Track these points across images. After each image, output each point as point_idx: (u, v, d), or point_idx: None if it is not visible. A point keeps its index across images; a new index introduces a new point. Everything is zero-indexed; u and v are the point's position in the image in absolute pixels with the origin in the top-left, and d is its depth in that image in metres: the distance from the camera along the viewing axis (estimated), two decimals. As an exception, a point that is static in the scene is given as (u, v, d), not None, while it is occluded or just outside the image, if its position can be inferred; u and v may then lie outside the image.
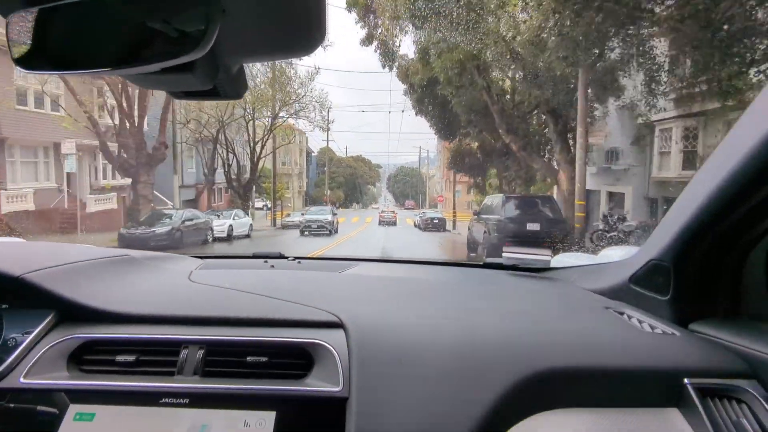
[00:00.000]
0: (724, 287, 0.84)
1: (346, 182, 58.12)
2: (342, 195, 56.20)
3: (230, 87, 0.55)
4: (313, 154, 58.38)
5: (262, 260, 1.51)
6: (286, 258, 1.56)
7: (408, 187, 70.74)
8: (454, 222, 23.84)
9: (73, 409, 0.74)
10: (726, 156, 0.72)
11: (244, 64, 0.56)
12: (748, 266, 0.82)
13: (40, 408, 0.75)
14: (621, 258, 1.12)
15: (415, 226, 26.64)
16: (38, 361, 0.79)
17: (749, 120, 0.70)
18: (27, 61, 0.44)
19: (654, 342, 0.81)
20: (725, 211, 0.75)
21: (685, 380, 0.71)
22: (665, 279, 0.89)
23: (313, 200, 54.06)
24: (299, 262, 1.52)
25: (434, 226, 22.96)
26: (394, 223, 26.68)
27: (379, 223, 26.59)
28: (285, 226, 23.48)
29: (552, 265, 1.48)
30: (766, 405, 0.66)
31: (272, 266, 1.43)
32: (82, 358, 0.83)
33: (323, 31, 0.45)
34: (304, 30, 0.45)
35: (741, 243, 0.80)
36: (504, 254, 1.50)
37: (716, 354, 0.76)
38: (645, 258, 0.95)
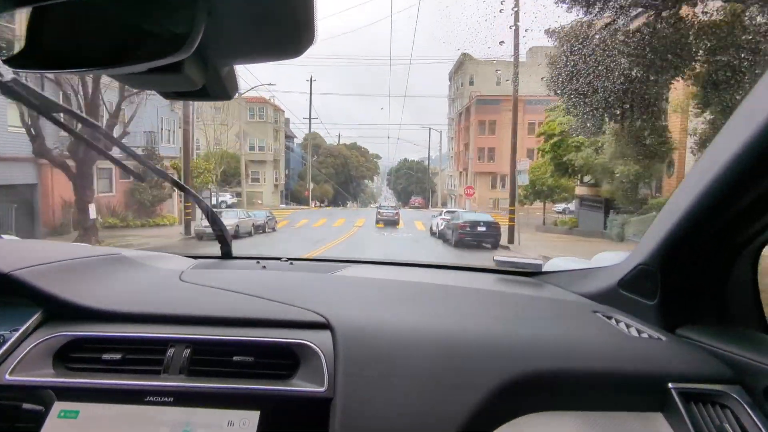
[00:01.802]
0: (711, 293, 0.85)
1: (336, 175, 47.19)
2: (331, 190, 45.28)
3: (220, 88, 0.54)
4: (295, 140, 47.54)
5: (254, 261, 1.48)
6: (279, 259, 1.53)
7: (412, 182, 60.10)
8: (513, 230, 12.83)
9: (58, 406, 0.74)
10: (710, 163, 0.72)
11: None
12: (734, 272, 0.82)
13: (25, 405, 0.76)
14: (613, 262, 1.11)
15: (433, 234, 16.03)
16: (24, 358, 0.79)
17: (732, 127, 0.70)
18: (17, 60, 0.44)
19: (640, 346, 0.82)
20: (710, 218, 0.76)
21: (670, 385, 0.72)
22: (653, 284, 0.90)
23: (294, 196, 43.31)
24: (291, 263, 1.49)
25: (481, 238, 11.90)
26: (396, 223, 21.13)
27: (377, 223, 20.73)
28: (200, 236, 13.23)
29: (543, 269, 1.46)
30: (749, 410, 0.67)
31: (264, 267, 1.41)
32: (68, 355, 0.82)
33: (312, 33, 0.45)
34: (293, 32, 0.45)
35: (726, 249, 0.81)
36: (495, 258, 1.49)
37: (701, 359, 0.77)
38: (633, 263, 0.95)
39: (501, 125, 35.10)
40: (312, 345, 0.79)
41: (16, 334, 0.81)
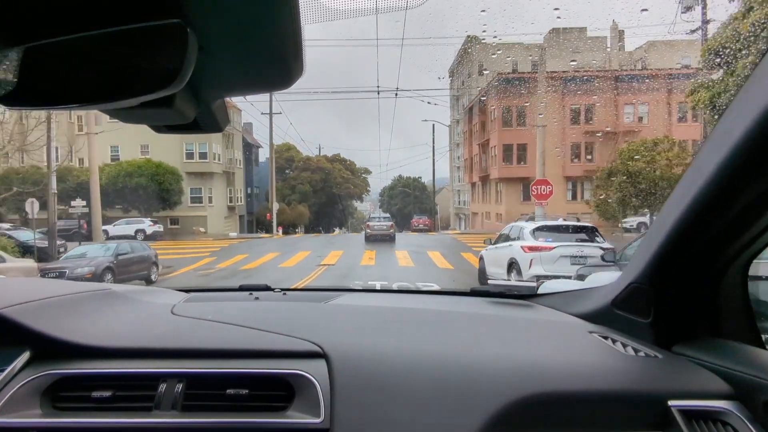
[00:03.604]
0: (703, 308, 0.85)
1: (315, 193, 37.21)
2: (307, 212, 35.14)
3: (211, 120, 0.55)
4: (261, 151, 37.73)
5: (247, 293, 1.47)
6: (272, 290, 1.52)
7: (409, 202, 50.28)
8: None
9: None
10: (694, 180, 0.72)
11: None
12: (725, 287, 0.82)
13: None
14: (606, 282, 1.11)
15: (487, 282, 5.83)
16: (11, 399, 0.77)
17: (712, 144, 0.70)
18: (7, 98, 0.44)
19: (638, 365, 0.82)
20: (697, 233, 0.76)
21: (670, 403, 0.72)
22: (646, 302, 0.90)
23: (258, 220, 33.09)
24: (284, 294, 1.47)
25: None
26: (392, 240, 17.25)
27: (367, 240, 17.37)
28: None
29: (538, 291, 1.46)
30: (749, 425, 0.67)
31: (257, 298, 1.38)
32: (57, 394, 0.80)
33: (301, 65, 0.46)
34: (282, 65, 0.46)
35: (716, 264, 0.80)
36: (490, 281, 1.50)
37: (699, 376, 0.77)
38: (626, 282, 0.95)
39: (534, 114, 25.82)
40: (307, 375, 0.78)
41: (2, 375, 0.79)
